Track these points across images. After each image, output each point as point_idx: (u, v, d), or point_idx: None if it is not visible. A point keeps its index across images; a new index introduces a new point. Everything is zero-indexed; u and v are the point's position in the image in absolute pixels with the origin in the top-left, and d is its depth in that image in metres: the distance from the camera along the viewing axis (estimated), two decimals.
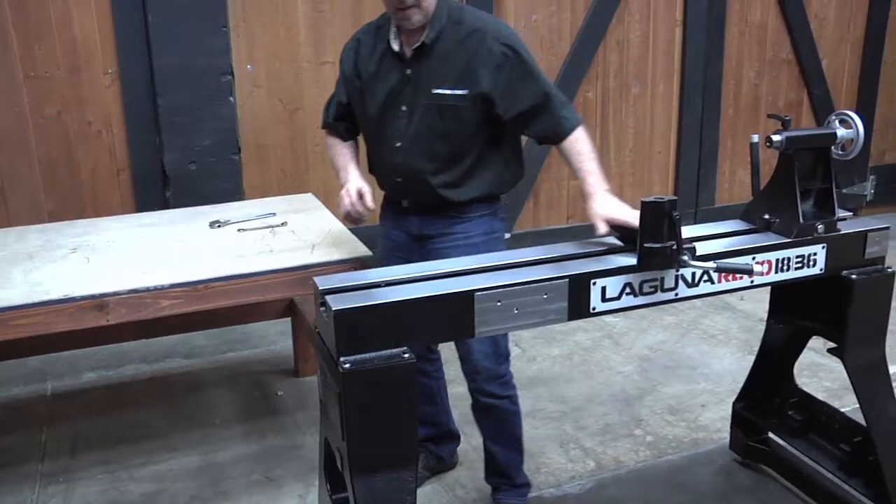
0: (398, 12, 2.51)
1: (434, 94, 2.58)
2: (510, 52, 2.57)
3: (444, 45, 2.58)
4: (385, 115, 2.68)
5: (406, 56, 2.61)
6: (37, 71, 4.20)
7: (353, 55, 2.75)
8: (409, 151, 2.65)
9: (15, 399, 3.92)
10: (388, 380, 1.98)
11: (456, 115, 2.59)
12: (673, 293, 2.37)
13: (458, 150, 2.64)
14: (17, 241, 3.32)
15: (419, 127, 2.62)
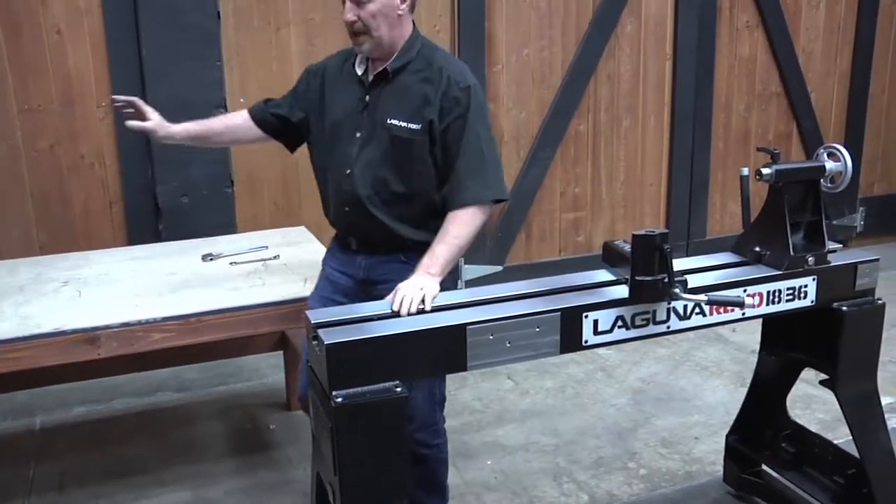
0: (353, 37, 2.55)
1: (388, 123, 2.56)
2: (466, 98, 2.54)
3: (406, 77, 2.59)
4: (338, 139, 2.65)
5: (367, 82, 2.62)
6: (30, 104, 4.21)
7: (320, 75, 2.76)
8: (358, 179, 2.59)
9: (2, 433, 3.88)
10: (380, 414, 1.98)
11: (408, 148, 2.56)
12: (665, 326, 2.37)
13: (409, 185, 2.59)
14: (9, 275, 3.31)
15: (371, 155, 2.59)
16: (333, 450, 1.98)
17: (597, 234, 5.47)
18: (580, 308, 2.23)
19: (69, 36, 4.20)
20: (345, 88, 2.67)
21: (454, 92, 2.54)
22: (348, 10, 2.49)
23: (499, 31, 4.98)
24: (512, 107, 5.10)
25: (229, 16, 4.42)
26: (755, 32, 5.72)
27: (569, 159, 5.32)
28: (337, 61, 2.75)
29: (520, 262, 5.25)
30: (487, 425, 3.84)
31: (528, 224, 5.29)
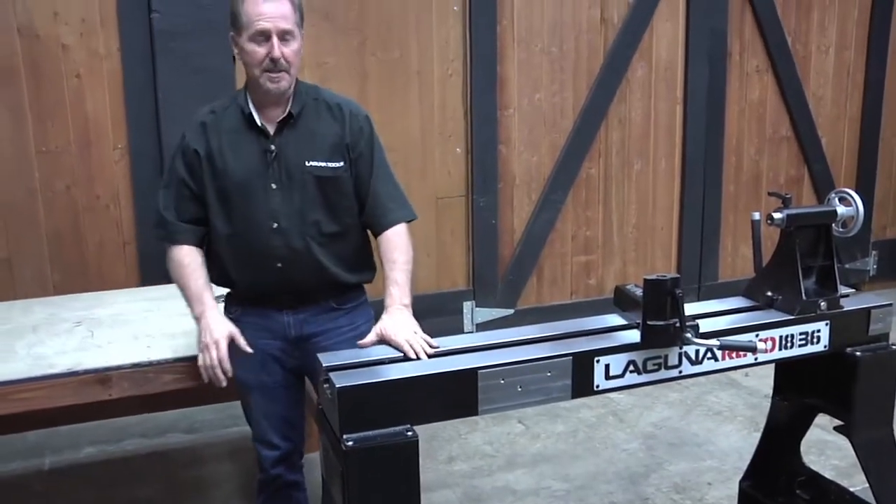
0: (267, 73, 2.47)
1: (309, 166, 2.53)
2: (368, 127, 2.62)
3: (307, 118, 2.58)
4: (249, 197, 2.54)
5: (268, 131, 2.55)
6: (48, 146, 4.25)
7: (203, 137, 2.57)
8: (289, 231, 2.54)
9: (12, 475, 3.88)
10: (391, 458, 1.96)
11: (337, 187, 2.57)
12: (677, 370, 2.36)
13: (342, 222, 2.60)
14: (22, 314, 3.32)
15: (299, 203, 2.54)
16: (344, 494, 1.96)
17: (608, 277, 5.46)
18: (592, 353, 2.22)
19: (88, 80, 4.26)
20: (241, 143, 2.55)
21: (358, 123, 2.61)
22: (276, 46, 2.43)
23: (511, 75, 5.02)
24: (524, 150, 5.12)
25: None
26: (765, 77, 5.75)
27: (580, 203, 5.33)
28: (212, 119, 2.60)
29: (531, 305, 5.24)
30: (498, 470, 3.81)
31: (539, 267, 5.28)
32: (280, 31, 2.42)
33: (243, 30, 2.45)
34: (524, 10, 5.00)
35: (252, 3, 2.42)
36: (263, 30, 2.42)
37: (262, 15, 2.41)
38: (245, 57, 2.49)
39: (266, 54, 2.43)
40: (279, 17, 2.42)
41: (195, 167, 2.57)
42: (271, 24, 2.41)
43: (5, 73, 4.15)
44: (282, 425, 2.68)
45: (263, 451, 2.71)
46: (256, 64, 2.46)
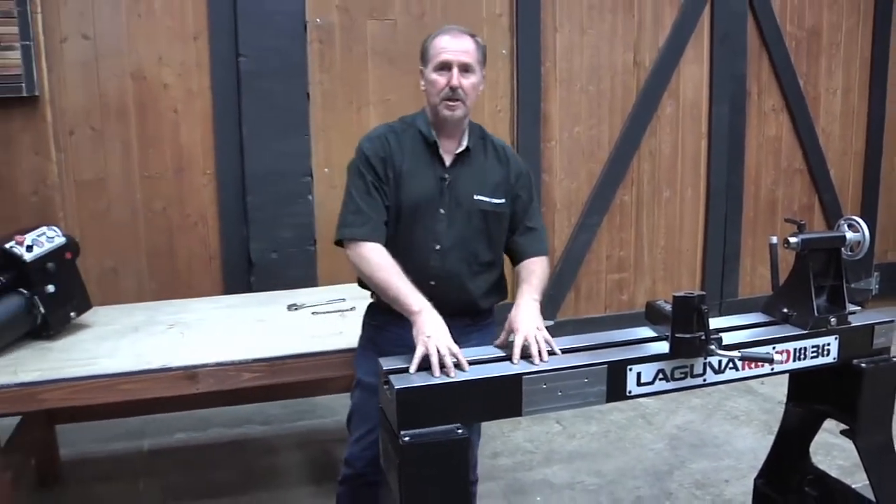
0: (445, 101, 2.45)
1: (476, 200, 2.50)
2: (526, 170, 2.64)
3: (477, 155, 2.56)
4: (420, 217, 2.48)
5: (445, 161, 2.52)
6: (149, 172, 4.34)
7: (387, 149, 2.50)
8: (449, 255, 2.49)
9: (116, 454, 3.95)
10: (442, 453, 1.95)
11: (498, 221, 2.55)
12: (701, 379, 2.32)
13: (496, 255, 2.59)
14: (125, 317, 3.37)
15: (463, 231, 2.49)
16: (400, 484, 1.96)
17: (639, 293, 5.41)
18: (625, 362, 2.20)
19: (183, 114, 4.34)
20: (420, 167, 2.50)
21: (519, 167, 2.61)
22: (456, 76, 2.41)
23: (553, 111, 5.01)
24: (564, 178, 5.10)
25: (317, 97, 4.52)
26: (780, 115, 5.67)
27: (615, 226, 5.29)
28: (393, 137, 2.54)
29: (569, 318, 5.19)
30: (537, 465, 3.78)
31: (577, 283, 5.25)
32: (461, 64, 2.43)
33: (429, 62, 2.46)
34: (565, 54, 5.00)
35: (439, 39, 2.45)
36: (446, 61, 2.42)
37: (445, 49, 2.43)
38: (428, 87, 2.48)
39: (446, 83, 2.42)
40: (461, 52, 2.43)
41: (381, 174, 2.49)
42: (453, 56, 2.42)
43: (119, 111, 4.26)
44: None
45: (358, 450, 2.61)
46: (437, 92, 2.45)
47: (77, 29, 4.16)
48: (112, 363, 2.82)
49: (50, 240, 3.14)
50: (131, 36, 4.24)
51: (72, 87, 4.19)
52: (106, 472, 3.75)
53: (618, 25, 5.10)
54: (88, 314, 3.30)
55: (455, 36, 2.46)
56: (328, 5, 4.49)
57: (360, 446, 2.60)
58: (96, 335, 3.15)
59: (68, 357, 2.90)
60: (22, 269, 3.03)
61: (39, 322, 3.07)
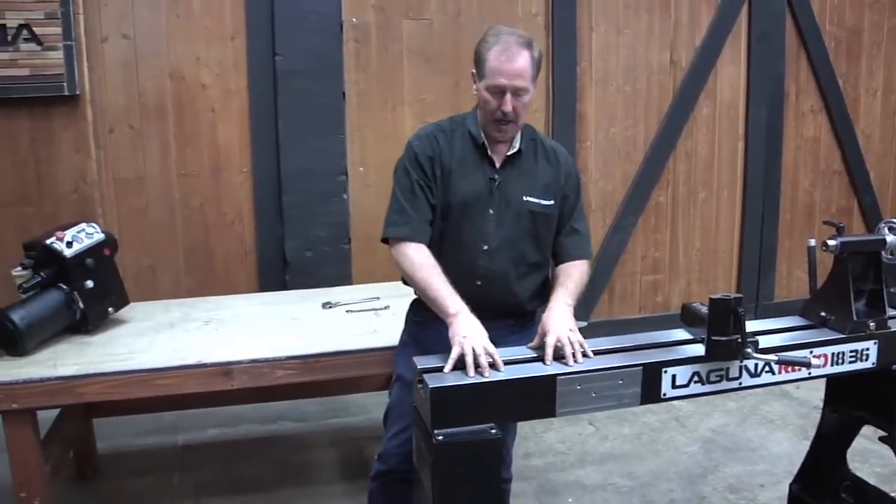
0: (496, 123, 2.44)
1: (525, 201, 2.49)
2: (575, 172, 2.62)
3: (527, 156, 2.55)
4: (468, 217, 2.48)
5: (495, 162, 2.51)
6: (186, 170, 4.39)
7: (436, 148, 2.50)
8: (497, 255, 2.48)
9: (151, 448, 3.99)
10: (476, 453, 1.95)
11: (547, 223, 2.54)
12: (737, 382, 2.30)
13: (543, 257, 2.58)
14: (162, 313, 3.41)
15: (511, 232, 2.49)
16: (433, 483, 1.95)
17: (673, 295, 5.36)
18: (660, 364, 2.18)
19: (221, 113, 4.39)
20: (469, 168, 2.50)
21: (569, 168, 2.59)
22: (509, 101, 2.37)
23: (589, 112, 4.98)
24: (599, 178, 5.07)
25: (353, 96, 4.54)
26: (819, 116, 5.58)
27: (650, 227, 5.25)
28: (442, 137, 2.53)
29: (603, 319, 5.16)
30: (570, 466, 3.76)
31: (611, 284, 5.22)
32: (514, 89, 2.37)
33: (483, 77, 2.41)
34: (601, 54, 4.96)
35: (495, 59, 2.37)
36: (500, 86, 2.37)
37: (501, 73, 2.35)
38: (479, 99, 2.45)
39: (498, 107, 2.39)
40: (516, 76, 2.36)
41: (428, 172, 2.49)
42: (508, 81, 2.36)
43: (158, 111, 4.32)
44: None
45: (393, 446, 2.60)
46: (488, 112, 2.43)
47: (117, 29, 4.22)
48: (149, 358, 2.85)
49: (89, 236, 3.19)
50: (170, 36, 4.29)
51: (112, 86, 4.25)
52: (141, 465, 3.80)
53: (654, 25, 5.06)
54: (126, 310, 3.34)
55: (512, 57, 2.36)
56: (364, 5, 4.50)
57: (395, 442, 2.60)
58: (133, 331, 3.19)
59: (106, 352, 2.95)
60: (62, 264, 3.08)
61: (78, 317, 3.12)
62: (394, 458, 2.60)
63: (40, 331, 2.98)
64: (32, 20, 3.99)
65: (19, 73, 4.03)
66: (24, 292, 3.04)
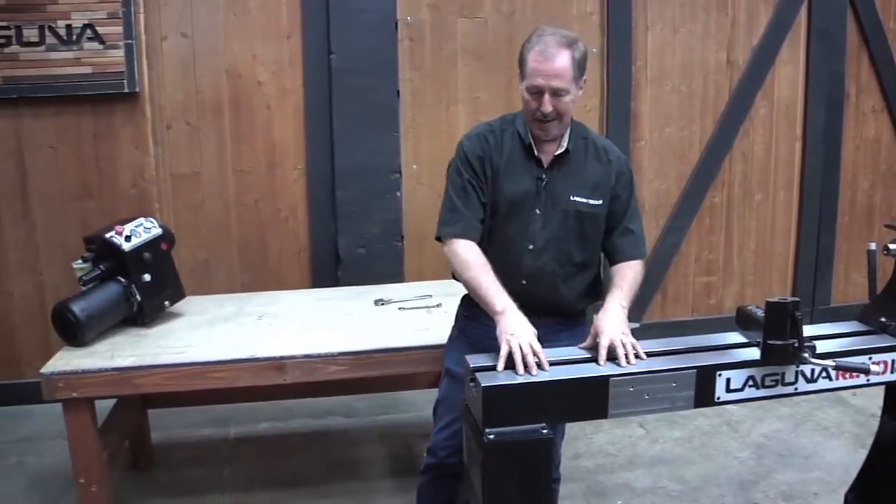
0: (538, 123, 2.44)
1: (573, 201, 2.48)
2: (628, 172, 2.59)
3: (577, 156, 2.53)
4: (516, 216, 2.49)
5: (542, 161, 2.51)
6: (242, 166, 4.46)
7: (485, 148, 2.52)
8: (542, 254, 2.49)
9: (204, 439, 4.05)
10: (526, 452, 1.94)
11: (594, 223, 2.52)
12: (792, 387, 2.25)
13: (590, 257, 2.56)
14: (217, 307, 3.47)
15: (557, 231, 2.49)
16: (483, 482, 1.95)
17: (727, 297, 5.28)
18: (714, 367, 2.15)
19: (276, 111, 4.44)
20: (516, 167, 2.50)
21: (621, 168, 2.56)
22: (547, 102, 2.37)
23: (643, 111, 4.93)
24: (653, 178, 5.02)
25: (407, 94, 4.56)
26: (880, 116, 5.44)
27: (704, 228, 5.18)
28: (492, 137, 2.55)
29: (655, 320, 5.11)
30: (619, 468, 3.73)
31: (664, 286, 5.16)
32: (552, 90, 2.37)
33: (524, 78, 2.42)
34: (657, 53, 4.91)
35: (534, 60, 2.37)
36: (538, 87, 2.37)
37: (539, 73, 2.36)
38: (522, 99, 2.46)
39: (537, 107, 2.39)
40: (554, 76, 2.35)
41: (479, 172, 2.52)
42: (545, 82, 2.35)
43: (214, 107, 4.39)
44: None
45: (441, 439, 2.63)
46: (528, 112, 2.45)
47: (176, 28, 4.29)
48: (203, 352, 2.90)
49: (147, 231, 3.26)
50: (227, 34, 4.35)
51: (170, 83, 4.33)
52: (193, 456, 3.86)
53: (711, 24, 4.99)
54: (181, 303, 3.41)
55: (550, 56, 2.35)
56: (419, 3, 4.52)
57: (443, 435, 2.63)
58: (189, 324, 3.25)
59: (162, 344, 3.01)
60: (121, 258, 3.15)
61: (135, 310, 3.19)
62: (442, 451, 2.62)
63: (99, 322, 3.05)
64: (96, 20, 4.09)
65: (83, 71, 4.14)
66: (84, 285, 3.12)
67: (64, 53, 4.11)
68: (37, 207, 4.31)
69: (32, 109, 4.20)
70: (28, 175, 4.27)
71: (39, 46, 4.08)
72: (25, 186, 4.28)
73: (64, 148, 4.28)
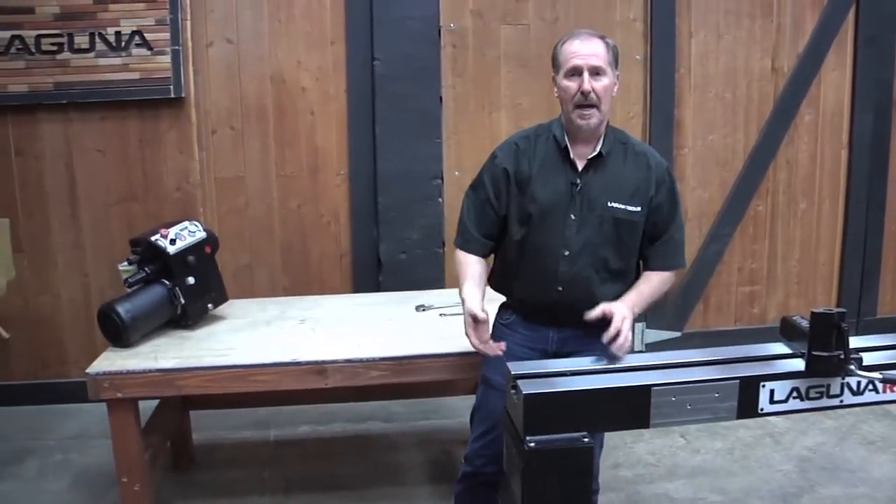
0: (578, 109, 2.43)
1: (610, 207, 2.47)
2: (669, 179, 2.55)
3: (614, 160, 2.51)
4: (549, 222, 2.49)
5: (577, 165, 2.50)
6: (286, 171, 4.51)
7: (514, 157, 2.55)
8: (577, 260, 2.47)
9: (245, 441, 4.09)
10: (567, 461, 1.93)
11: (632, 229, 2.50)
12: (838, 400, 2.21)
13: (627, 264, 2.54)
14: (259, 311, 3.51)
15: (592, 237, 2.47)
16: (523, 489, 1.95)
17: (770, 307, 5.21)
18: (758, 377, 2.11)
19: (319, 116, 4.49)
20: (551, 172, 2.50)
21: (662, 174, 2.53)
22: (587, 80, 2.39)
23: (687, 118, 4.90)
24: (696, 186, 4.98)
25: (450, 101, 4.58)
26: None
27: (747, 237, 5.12)
28: (525, 144, 2.57)
29: (697, 330, 5.06)
30: (659, 478, 3.69)
31: (706, 295, 5.11)
32: (591, 68, 2.39)
33: (560, 68, 2.45)
34: (701, 60, 4.87)
35: (568, 43, 2.44)
36: (576, 66, 2.40)
37: (575, 53, 2.41)
38: (560, 93, 2.48)
39: (577, 88, 2.40)
40: (591, 55, 2.40)
41: (501, 187, 2.55)
42: (583, 60, 2.39)
43: (259, 112, 4.45)
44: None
45: (477, 447, 2.63)
46: (569, 99, 2.44)
47: (222, 34, 4.36)
48: (245, 355, 2.94)
49: (192, 234, 3.30)
50: (272, 41, 4.41)
51: (215, 89, 4.40)
52: (234, 458, 3.90)
53: (755, 30, 4.94)
54: (224, 306, 3.45)
55: (584, 40, 2.43)
56: (462, 10, 4.54)
57: (479, 444, 2.63)
58: (231, 327, 3.29)
59: (205, 346, 3.05)
60: (165, 261, 3.20)
61: (179, 312, 3.24)
62: (478, 460, 2.62)
63: (143, 324, 3.11)
64: (144, 26, 4.18)
65: (130, 76, 4.22)
66: (129, 287, 3.18)
67: (112, 59, 4.20)
68: (84, 210, 4.40)
69: (81, 114, 4.30)
70: (76, 179, 4.36)
71: (89, 53, 4.18)
72: (75, 190, 4.37)
73: (111, 152, 4.37)
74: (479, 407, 2.68)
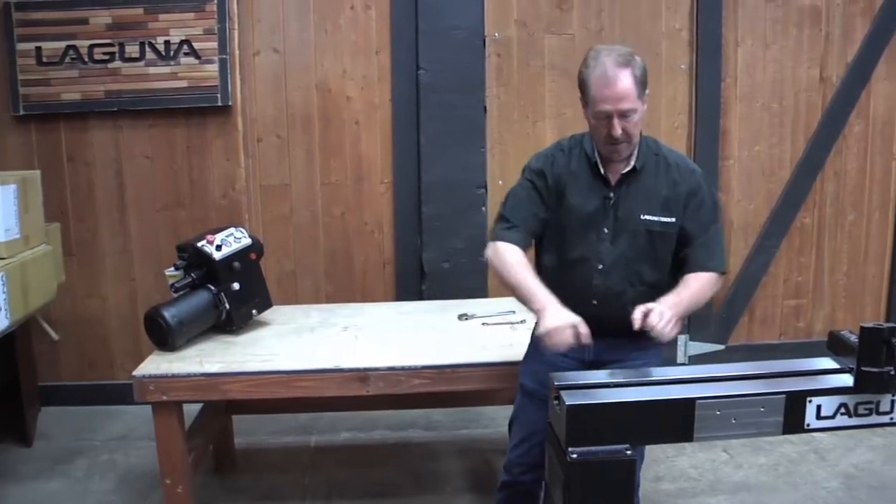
0: (609, 145, 2.43)
1: (643, 220, 2.46)
2: (703, 185, 2.53)
3: (647, 173, 2.50)
4: (583, 235, 2.49)
5: (610, 180, 2.50)
6: (330, 179, 4.56)
7: (552, 168, 2.55)
8: (611, 274, 2.48)
9: (286, 446, 4.13)
10: (610, 472, 1.92)
11: (665, 241, 2.49)
12: (888, 417, 2.17)
13: (661, 277, 2.52)
14: (303, 317, 3.54)
15: (626, 250, 2.48)
16: (565, 501, 1.94)
17: (817, 321, 5.13)
18: (805, 392, 2.08)
19: (364, 125, 4.53)
20: (584, 186, 2.51)
21: (695, 182, 2.51)
22: (617, 126, 2.36)
23: (732, 129, 4.84)
24: (741, 198, 4.92)
25: (494, 110, 4.58)
26: None
27: (794, 249, 5.05)
28: (560, 156, 2.57)
29: (741, 343, 4.99)
30: (700, 493, 3.65)
31: (751, 307, 5.04)
32: (620, 112, 2.36)
33: (588, 104, 2.42)
34: (747, 69, 4.82)
35: (597, 86, 2.36)
36: (606, 112, 2.37)
37: (605, 99, 2.35)
38: (588, 124, 2.47)
39: (607, 132, 2.39)
40: (620, 100, 2.34)
41: (542, 187, 2.55)
42: (612, 107, 2.35)
43: (304, 121, 4.51)
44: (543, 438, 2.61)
45: (515, 456, 2.64)
46: (598, 138, 2.45)
47: (268, 44, 4.43)
48: (288, 361, 2.96)
49: (237, 240, 3.35)
50: (318, 50, 4.46)
51: (261, 97, 4.46)
52: (275, 463, 3.94)
53: (803, 40, 4.87)
54: (268, 312, 3.48)
55: (611, 81, 2.34)
56: (507, 20, 4.55)
57: (517, 453, 2.63)
58: (275, 333, 3.32)
59: (249, 352, 3.08)
60: (211, 266, 3.25)
61: (224, 317, 3.28)
62: (516, 469, 2.63)
63: (189, 329, 3.15)
64: (192, 36, 4.26)
65: (179, 84, 4.30)
66: (175, 291, 3.22)
67: (161, 68, 4.28)
68: (132, 216, 4.49)
69: (130, 121, 4.39)
70: (125, 185, 4.45)
71: (139, 62, 4.27)
72: (123, 196, 4.46)
73: (159, 159, 4.46)
74: (517, 415, 2.69)
